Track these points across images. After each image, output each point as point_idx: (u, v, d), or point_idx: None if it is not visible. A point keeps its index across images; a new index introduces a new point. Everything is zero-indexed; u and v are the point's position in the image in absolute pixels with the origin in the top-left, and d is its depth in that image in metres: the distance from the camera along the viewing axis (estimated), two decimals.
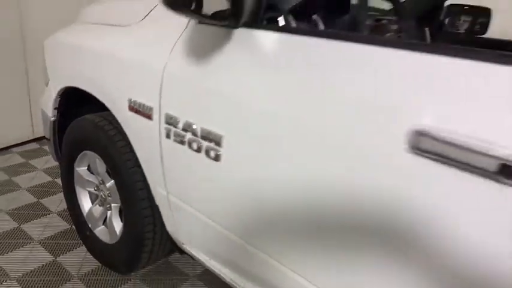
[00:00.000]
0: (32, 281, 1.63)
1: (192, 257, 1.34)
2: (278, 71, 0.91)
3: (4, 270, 1.67)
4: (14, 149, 2.77)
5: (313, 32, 1.00)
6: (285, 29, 1.01)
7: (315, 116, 0.81)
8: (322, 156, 0.81)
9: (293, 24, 1.07)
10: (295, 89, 0.86)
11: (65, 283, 1.63)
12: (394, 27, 1.46)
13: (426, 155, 0.66)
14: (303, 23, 1.18)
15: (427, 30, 1.75)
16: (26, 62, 2.73)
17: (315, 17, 1.23)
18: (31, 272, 1.68)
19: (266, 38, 0.95)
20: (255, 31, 0.96)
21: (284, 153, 0.88)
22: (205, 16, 0.89)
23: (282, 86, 0.88)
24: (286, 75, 0.89)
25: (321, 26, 1.24)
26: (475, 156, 0.60)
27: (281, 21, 1.06)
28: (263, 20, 1.02)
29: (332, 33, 1.04)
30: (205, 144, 1.03)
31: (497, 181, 0.59)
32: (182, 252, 1.42)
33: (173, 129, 1.11)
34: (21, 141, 2.83)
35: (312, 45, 0.87)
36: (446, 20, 1.91)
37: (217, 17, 0.91)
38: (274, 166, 0.91)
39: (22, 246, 1.83)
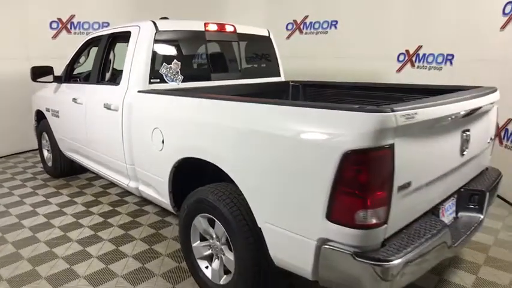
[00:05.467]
0: None
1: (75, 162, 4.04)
2: (65, 93, 3.72)
3: None
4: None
5: (74, 82, 3.84)
6: (68, 81, 3.83)
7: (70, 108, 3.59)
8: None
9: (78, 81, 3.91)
10: (67, 97, 3.64)
11: None
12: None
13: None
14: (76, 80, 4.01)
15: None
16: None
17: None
18: None
19: (66, 86, 3.77)
20: (65, 83, 3.80)
21: (71, 115, 3.65)
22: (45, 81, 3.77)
23: (63, 96, 3.68)
24: (64, 94, 3.69)
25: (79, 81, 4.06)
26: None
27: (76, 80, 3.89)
28: (70, 79, 3.84)
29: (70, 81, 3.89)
30: (56, 113, 3.83)
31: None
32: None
33: (51, 112, 3.93)
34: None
35: (75, 86, 3.68)
36: None
37: (55, 81, 3.76)
38: (73, 119, 3.66)
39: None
